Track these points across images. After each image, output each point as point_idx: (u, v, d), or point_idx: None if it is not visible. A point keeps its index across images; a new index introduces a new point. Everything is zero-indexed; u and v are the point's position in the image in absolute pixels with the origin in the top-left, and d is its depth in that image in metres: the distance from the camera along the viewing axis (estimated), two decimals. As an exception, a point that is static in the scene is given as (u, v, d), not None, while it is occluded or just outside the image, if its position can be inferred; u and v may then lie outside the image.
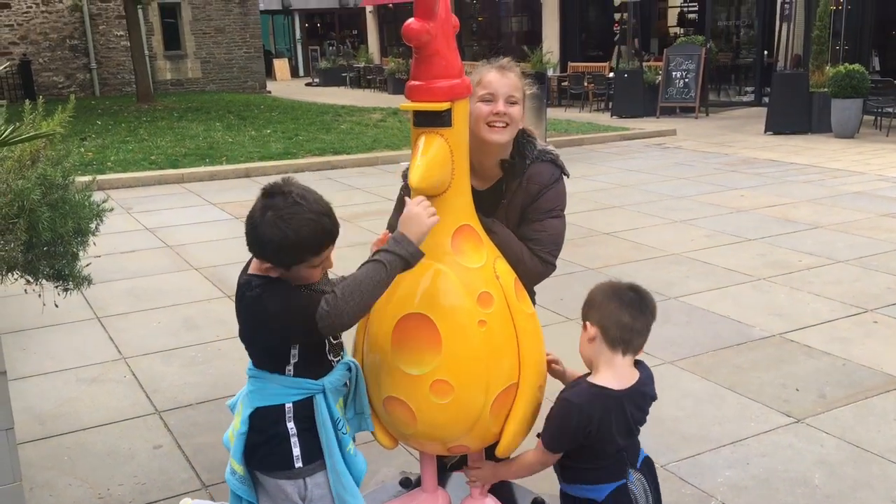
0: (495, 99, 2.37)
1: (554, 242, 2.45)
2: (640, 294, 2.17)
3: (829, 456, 3.47)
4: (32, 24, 23.17)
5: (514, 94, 2.40)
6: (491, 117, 2.36)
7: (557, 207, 2.47)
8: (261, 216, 1.97)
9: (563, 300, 5.31)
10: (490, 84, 2.37)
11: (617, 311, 2.12)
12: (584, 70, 19.58)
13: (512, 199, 2.44)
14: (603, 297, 2.16)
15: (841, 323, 5.02)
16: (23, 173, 3.01)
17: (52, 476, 3.44)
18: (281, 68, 34.38)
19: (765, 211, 8.16)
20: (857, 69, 12.95)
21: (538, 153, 2.47)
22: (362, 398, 2.27)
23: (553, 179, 2.45)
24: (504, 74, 2.40)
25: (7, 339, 4.89)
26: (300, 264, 2.01)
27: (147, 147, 12.97)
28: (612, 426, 2.11)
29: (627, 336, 2.13)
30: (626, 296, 2.14)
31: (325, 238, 2.00)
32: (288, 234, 1.94)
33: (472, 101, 2.35)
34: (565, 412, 2.10)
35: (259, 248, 2.02)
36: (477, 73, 2.43)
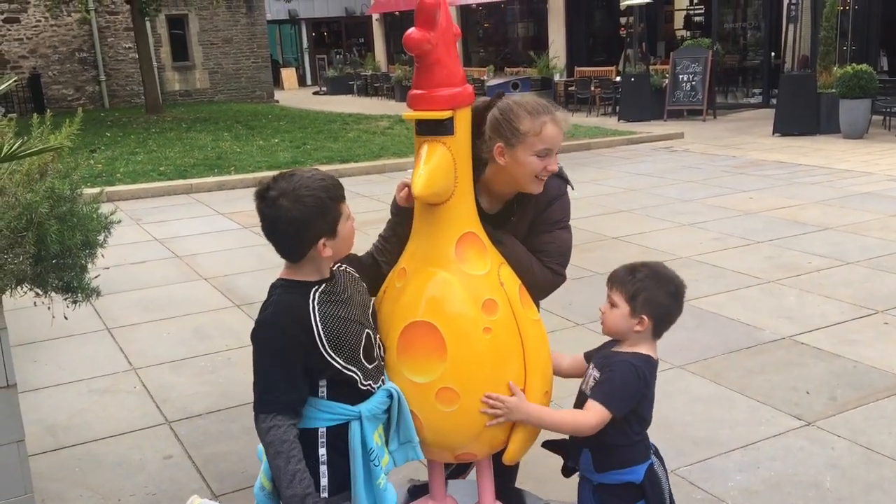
0: (551, 154, 2.31)
1: (563, 254, 2.46)
2: (680, 287, 2.27)
3: (840, 459, 3.45)
4: (42, 38, 23.37)
5: (562, 141, 2.38)
6: (544, 173, 2.32)
7: (564, 219, 2.47)
8: (281, 206, 1.92)
9: (572, 305, 5.31)
10: (551, 139, 2.29)
11: (669, 307, 2.24)
12: (591, 74, 19.59)
13: (521, 216, 2.44)
14: (655, 288, 2.22)
15: (851, 325, 4.99)
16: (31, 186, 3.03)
17: (64, 487, 3.45)
18: (288, 77, 34.55)
19: (773, 213, 8.14)
20: (864, 69, 12.90)
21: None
22: (408, 427, 2.19)
23: (560, 192, 2.45)
24: (560, 128, 2.32)
25: (18, 351, 4.92)
26: (340, 219, 2.00)
27: (156, 158, 13.05)
28: (652, 392, 2.27)
29: (669, 327, 2.29)
30: (673, 288, 2.24)
31: (339, 185, 2.02)
32: (317, 196, 1.94)
33: (520, 150, 2.27)
34: (629, 373, 2.20)
35: (308, 232, 1.96)
36: (532, 120, 2.27)
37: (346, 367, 2.03)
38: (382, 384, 2.15)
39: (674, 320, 2.28)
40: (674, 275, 2.28)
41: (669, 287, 2.24)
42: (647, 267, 2.27)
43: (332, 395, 2.05)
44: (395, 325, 2.20)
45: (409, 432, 2.19)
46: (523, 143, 2.28)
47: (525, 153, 2.28)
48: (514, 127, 2.28)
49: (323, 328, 1.98)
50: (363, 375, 2.08)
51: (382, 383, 2.15)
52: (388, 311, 2.25)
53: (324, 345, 1.98)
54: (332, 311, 2.02)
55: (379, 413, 2.11)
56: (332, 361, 2.00)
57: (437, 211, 2.20)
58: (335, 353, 2.00)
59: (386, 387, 2.15)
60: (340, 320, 2.02)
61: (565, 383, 2.57)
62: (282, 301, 2.00)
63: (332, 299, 2.04)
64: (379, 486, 2.08)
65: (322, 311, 2.00)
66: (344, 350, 2.02)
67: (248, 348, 2.10)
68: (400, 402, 2.16)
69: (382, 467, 2.11)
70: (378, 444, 2.11)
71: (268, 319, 1.99)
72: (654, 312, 2.22)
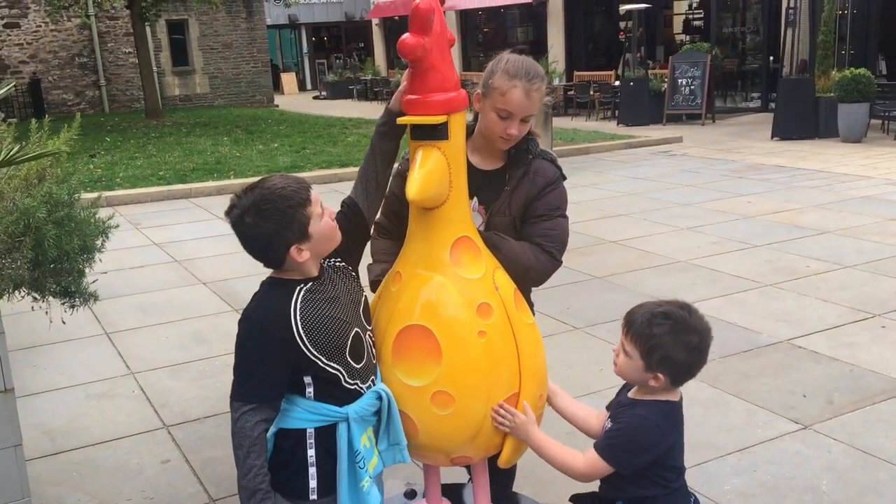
0: (512, 118, 2.33)
1: (562, 241, 2.49)
2: (705, 339, 2.04)
3: (836, 462, 3.46)
4: (42, 43, 23.41)
5: (532, 113, 2.37)
6: (504, 134, 2.36)
7: (562, 207, 2.52)
8: (245, 223, 1.97)
9: (570, 309, 5.31)
10: (511, 104, 2.30)
11: (688, 365, 2.03)
12: (590, 79, 19.62)
13: (517, 186, 2.45)
14: (674, 344, 1.99)
15: (848, 328, 5.00)
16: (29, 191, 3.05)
17: (62, 492, 3.46)
18: (288, 82, 34.60)
19: (772, 217, 8.15)
20: (863, 73, 12.93)
21: (540, 151, 2.52)
22: (397, 429, 2.19)
23: (556, 177, 2.50)
24: (529, 98, 2.32)
25: (17, 355, 4.92)
26: (310, 221, 1.99)
27: (155, 163, 13.07)
28: (681, 438, 2.11)
29: (690, 379, 2.08)
30: (696, 341, 2.01)
31: (300, 186, 2.00)
32: (276, 206, 1.95)
33: (487, 102, 2.34)
34: (637, 428, 2.03)
35: (276, 244, 2.00)
36: (504, 80, 2.30)
37: (329, 364, 2.04)
38: (373, 384, 2.15)
39: (695, 374, 2.06)
40: (699, 325, 2.03)
41: (692, 340, 2.01)
42: (669, 318, 2.01)
43: (318, 396, 2.06)
44: (391, 329, 2.21)
45: (398, 435, 2.20)
46: (490, 97, 2.35)
47: (489, 108, 2.36)
48: (490, 79, 2.35)
49: (303, 325, 2.00)
50: (348, 374, 2.08)
51: (373, 384, 2.15)
52: (384, 314, 2.26)
53: (304, 342, 2.00)
54: (316, 309, 2.03)
55: (368, 415, 2.12)
56: (315, 359, 2.02)
57: (431, 215, 2.21)
58: (316, 349, 2.02)
59: (375, 388, 2.15)
60: (324, 318, 2.03)
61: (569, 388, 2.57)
62: (264, 298, 2.06)
63: (317, 297, 2.05)
64: (362, 488, 2.09)
65: (304, 308, 2.02)
66: (326, 347, 2.03)
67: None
68: (390, 405, 2.16)
69: (369, 470, 2.11)
70: (367, 447, 2.11)
71: (248, 315, 2.05)
72: (671, 371, 2.03)
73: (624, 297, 5.70)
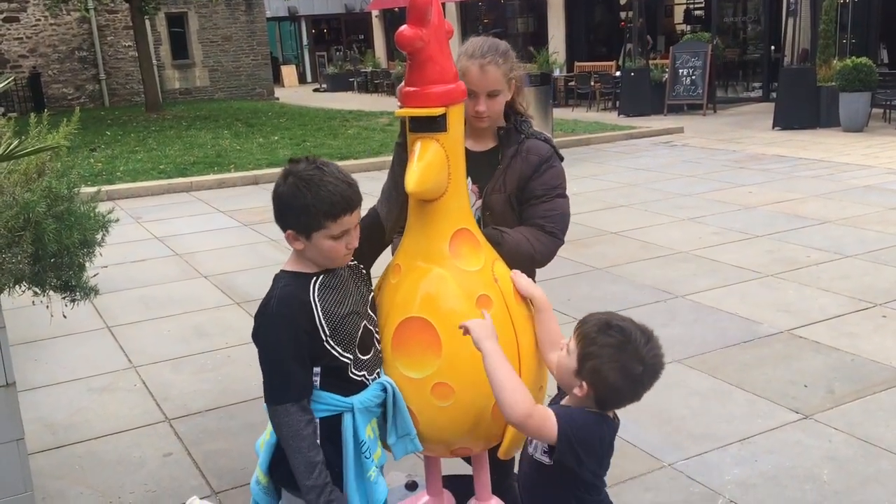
0: (476, 96, 2.43)
1: (563, 220, 2.51)
2: (648, 374, 1.84)
3: (837, 452, 3.46)
4: (41, 37, 23.37)
5: (496, 88, 2.44)
6: (474, 112, 2.45)
7: (561, 185, 2.54)
8: (283, 181, 2.00)
9: (571, 300, 5.31)
10: (471, 82, 2.40)
11: (619, 390, 1.84)
12: (591, 69, 19.58)
13: (510, 164, 2.49)
14: (611, 363, 1.81)
15: (849, 318, 5.00)
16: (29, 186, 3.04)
17: (64, 485, 3.47)
18: (289, 75, 34.53)
19: (773, 207, 8.14)
20: (864, 62, 12.90)
21: (533, 132, 2.56)
22: (405, 420, 2.19)
23: (550, 154, 2.53)
24: (484, 72, 2.41)
25: (19, 350, 4.93)
26: (319, 231, 1.97)
27: (156, 156, 13.06)
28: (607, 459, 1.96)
29: (619, 407, 1.91)
30: (637, 371, 1.81)
31: (343, 204, 1.97)
32: (305, 195, 1.95)
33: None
34: (589, 419, 1.88)
35: (280, 215, 2.02)
36: (461, 60, 2.43)
37: (343, 355, 2.05)
38: (378, 377, 2.16)
39: (623, 404, 1.88)
40: (649, 357, 1.82)
41: (632, 368, 1.80)
42: (622, 333, 1.82)
43: (324, 386, 2.06)
44: (390, 321, 2.21)
45: (407, 425, 2.20)
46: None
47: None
48: (457, 63, 2.40)
49: (325, 318, 2.01)
50: (355, 364, 2.09)
51: (378, 376, 2.16)
52: (383, 306, 2.26)
53: (325, 332, 2.01)
54: (332, 300, 2.05)
55: (372, 406, 2.12)
56: (330, 349, 2.03)
57: (430, 207, 2.21)
58: (334, 341, 2.03)
59: (380, 380, 2.15)
60: (339, 309, 2.05)
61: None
62: (285, 292, 2.03)
63: (331, 289, 2.06)
64: (370, 478, 2.10)
65: (322, 299, 2.03)
66: (342, 339, 2.04)
67: (248, 345, 2.11)
68: (395, 396, 2.16)
69: (374, 460, 2.12)
70: (371, 437, 2.12)
71: (273, 310, 2.01)
72: (597, 386, 1.84)
73: (625, 289, 5.71)
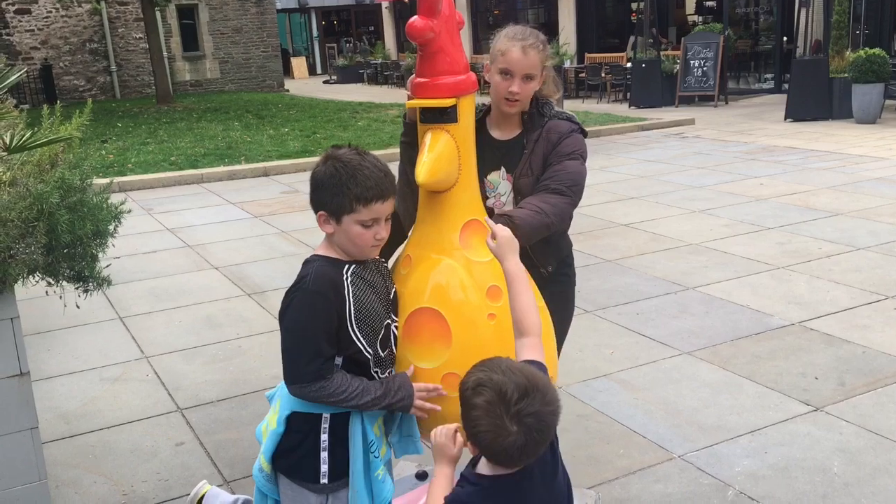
0: (513, 76, 2.47)
1: (572, 178, 2.48)
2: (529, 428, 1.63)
3: (848, 444, 3.45)
4: (53, 29, 23.45)
5: (533, 71, 2.49)
6: (507, 93, 2.49)
7: (577, 151, 2.54)
8: (322, 163, 2.02)
9: (581, 292, 5.29)
10: (511, 62, 2.46)
11: (496, 449, 1.67)
12: (602, 61, 19.51)
13: (534, 149, 2.54)
14: (480, 425, 1.65)
15: (861, 310, 4.98)
16: (42, 177, 3.06)
17: (78, 474, 3.50)
18: (299, 66, 34.54)
19: (784, 199, 8.10)
20: (877, 53, 12.79)
21: (556, 112, 2.61)
22: (411, 421, 2.20)
23: (570, 130, 2.56)
24: (526, 54, 2.47)
25: (33, 340, 4.97)
26: (350, 214, 1.97)
27: (167, 148, 13.10)
28: None
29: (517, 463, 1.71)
30: (510, 433, 1.63)
31: (376, 190, 1.97)
32: (341, 174, 1.96)
33: (493, 67, 2.50)
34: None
35: (315, 195, 2.02)
36: (501, 41, 2.50)
37: (366, 348, 2.06)
38: (389, 376, 2.16)
39: (520, 461, 1.69)
40: (523, 413, 1.62)
41: (505, 431, 1.63)
42: (494, 392, 1.64)
43: None
44: (401, 312, 2.22)
45: (412, 427, 2.21)
46: (494, 60, 2.50)
47: (494, 71, 2.51)
48: (493, 46, 2.53)
49: (354, 305, 2.02)
50: (374, 362, 2.10)
51: (390, 374, 2.17)
52: (394, 298, 2.27)
53: (351, 321, 2.01)
54: (362, 290, 2.05)
55: None
56: (355, 339, 2.03)
57: (441, 198, 2.22)
58: (360, 331, 2.03)
59: None
60: (368, 301, 2.05)
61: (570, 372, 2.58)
62: (321, 271, 2.01)
63: (363, 280, 2.07)
64: (377, 477, 2.10)
65: (354, 287, 2.03)
66: (366, 331, 2.05)
67: (259, 336, 2.12)
68: None
69: (381, 458, 2.13)
70: (377, 436, 2.13)
71: (311, 287, 1.99)
72: (481, 449, 1.71)
73: (635, 281, 5.70)
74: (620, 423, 3.69)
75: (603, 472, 3.29)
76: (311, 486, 2.09)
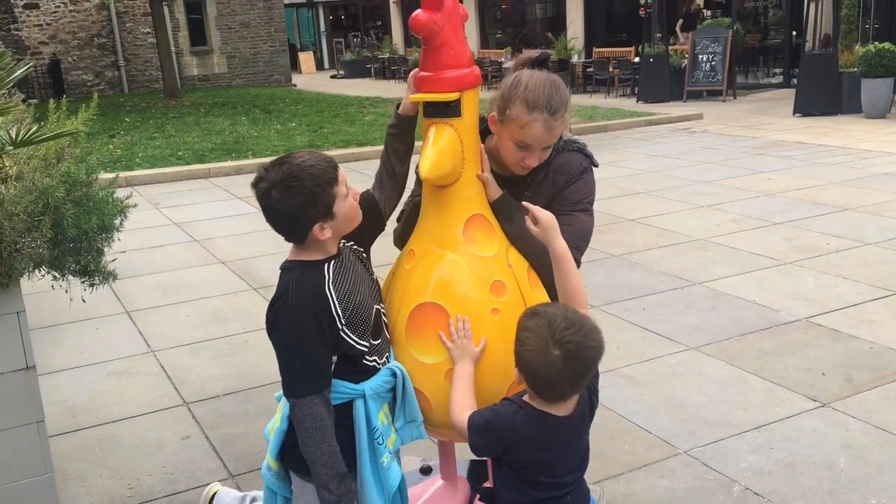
0: (531, 150, 2.20)
1: (581, 237, 2.29)
2: (569, 353, 1.85)
3: (854, 440, 3.44)
4: (61, 24, 23.48)
5: (553, 143, 2.25)
6: (522, 164, 2.24)
7: (585, 200, 2.35)
8: (267, 196, 1.95)
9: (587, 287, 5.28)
10: (530, 137, 2.17)
11: (540, 374, 1.88)
12: (610, 55, 19.44)
13: (538, 190, 2.32)
14: (526, 346, 1.89)
15: (868, 306, 4.96)
16: (48, 171, 3.07)
17: (84, 467, 3.52)
18: (306, 61, 34.52)
19: (792, 194, 8.07)
20: (887, 48, 12.71)
21: (564, 143, 2.35)
22: (412, 406, 2.19)
23: (581, 170, 2.34)
24: (550, 131, 2.17)
25: (39, 334, 4.99)
26: (335, 200, 1.97)
27: (174, 143, 13.12)
28: (553, 455, 1.96)
29: (556, 396, 1.91)
30: (550, 357, 1.85)
31: (327, 162, 1.98)
32: (303, 182, 1.92)
33: (504, 131, 2.21)
34: (495, 413, 1.97)
35: (298, 220, 1.97)
36: (524, 112, 2.15)
37: (358, 343, 2.05)
38: (387, 361, 2.17)
39: (555, 393, 1.90)
40: (565, 339, 1.83)
41: (547, 353, 1.84)
42: (545, 318, 1.88)
43: (337, 374, 2.06)
44: (405, 307, 2.22)
45: (414, 412, 2.20)
46: (508, 126, 2.20)
47: (507, 135, 2.22)
48: (508, 106, 2.19)
49: (340, 306, 2.00)
50: (369, 350, 2.09)
51: (387, 360, 2.17)
52: (397, 292, 2.27)
53: (341, 321, 2.01)
54: (346, 287, 2.04)
55: (383, 392, 2.13)
56: (346, 338, 2.02)
57: (445, 193, 2.21)
58: (350, 329, 2.03)
59: (390, 365, 2.16)
60: (353, 296, 2.04)
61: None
62: (301, 282, 2.00)
63: (344, 276, 2.06)
64: (382, 464, 2.10)
65: (337, 288, 2.02)
66: (357, 326, 2.04)
67: (265, 331, 2.10)
68: (404, 381, 2.17)
69: (388, 446, 2.12)
70: (384, 423, 2.12)
71: (294, 302, 1.98)
72: (522, 372, 1.93)
73: (642, 276, 5.68)
74: (626, 419, 3.68)
75: (608, 468, 3.28)
76: None
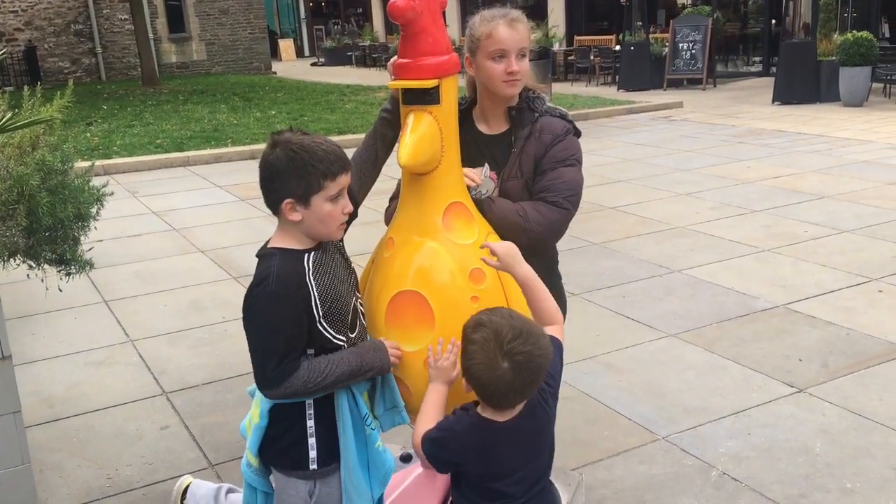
0: (507, 55, 2.33)
1: (570, 189, 2.38)
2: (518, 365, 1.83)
3: (830, 425, 3.48)
4: (37, 10, 23.14)
5: (524, 46, 2.37)
6: (506, 76, 2.34)
7: (572, 156, 2.43)
8: (271, 151, 1.94)
9: (568, 275, 5.30)
10: (502, 41, 2.32)
11: (485, 381, 1.86)
12: (591, 43, 19.45)
13: (524, 147, 2.40)
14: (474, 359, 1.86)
15: (845, 293, 5.01)
16: (23, 159, 3.03)
17: (62, 458, 3.49)
18: (286, 49, 34.27)
19: (771, 182, 8.13)
20: (865, 36, 12.82)
21: (547, 108, 2.47)
22: (393, 391, 2.19)
23: (564, 130, 2.44)
24: (514, 28, 2.34)
25: (16, 323, 4.95)
26: (319, 193, 1.92)
27: (153, 131, 13.00)
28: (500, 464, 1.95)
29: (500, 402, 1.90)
30: (500, 368, 1.83)
31: (339, 162, 1.94)
32: (302, 156, 1.90)
33: (480, 55, 2.35)
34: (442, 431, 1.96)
35: (275, 184, 1.94)
36: (484, 25, 2.35)
37: (336, 337, 2.03)
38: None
39: (505, 402, 1.89)
40: (514, 351, 1.82)
41: (496, 365, 1.82)
42: (491, 329, 1.85)
43: None
44: (384, 295, 2.21)
45: (395, 397, 2.20)
46: (479, 48, 2.36)
47: (483, 59, 2.36)
48: (472, 35, 2.38)
49: (319, 298, 1.97)
50: (347, 344, 2.07)
51: None
52: (377, 280, 2.26)
53: (318, 313, 1.98)
54: (325, 279, 2.00)
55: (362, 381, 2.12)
56: (323, 331, 2.00)
57: (424, 181, 2.21)
58: (327, 322, 2.00)
59: None
60: (332, 289, 2.01)
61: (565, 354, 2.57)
62: (283, 269, 1.96)
63: (324, 267, 2.02)
64: (378, 448, 2.11)
65: (317, 279, 1.98)
66: (335, 320, 2.02)
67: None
68: None
69: (377, 429, 2.13)
70: (368, 410, 2.12)
71: (274, 288, 1.94)
72: (471, 384, 1.91)
73: (621, 264, 5.71)
74: (605, 405, 3.70)
75: (587, 454, 3.30)
76: (301, 474, 2.07)
